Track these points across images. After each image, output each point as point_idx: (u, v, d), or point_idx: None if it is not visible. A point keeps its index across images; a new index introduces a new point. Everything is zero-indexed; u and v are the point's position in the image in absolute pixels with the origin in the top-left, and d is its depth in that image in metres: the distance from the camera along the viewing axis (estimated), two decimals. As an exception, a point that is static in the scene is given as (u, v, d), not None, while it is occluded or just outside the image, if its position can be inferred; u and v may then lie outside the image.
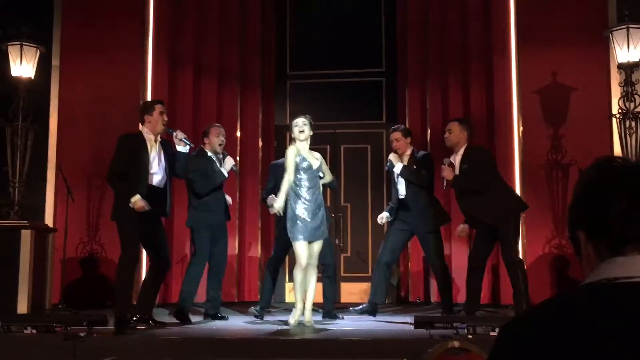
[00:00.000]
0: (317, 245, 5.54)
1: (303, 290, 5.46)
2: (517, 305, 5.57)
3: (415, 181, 6.03)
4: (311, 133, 5.65)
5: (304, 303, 5.47)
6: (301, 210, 5.49)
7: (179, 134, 5.62)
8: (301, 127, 5.59)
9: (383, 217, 6.31)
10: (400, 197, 6.14)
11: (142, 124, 5.56)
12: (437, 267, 6.13)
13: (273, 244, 6.77)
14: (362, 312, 6.13)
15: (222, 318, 6.10)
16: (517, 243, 5.83)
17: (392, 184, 6.41)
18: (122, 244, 5.31)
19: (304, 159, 5.57)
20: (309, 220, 5.48)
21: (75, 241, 7.46)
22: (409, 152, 6.17)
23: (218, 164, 6.03)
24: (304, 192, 5.53)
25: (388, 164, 6.28)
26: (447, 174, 5.77)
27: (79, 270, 7.49)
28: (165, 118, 5.59)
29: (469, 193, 5.74)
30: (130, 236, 5.27)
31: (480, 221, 5.73)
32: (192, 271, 5.90)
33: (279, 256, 6.36)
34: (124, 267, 5.28)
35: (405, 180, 6.08)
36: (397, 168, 6.12)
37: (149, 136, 5.46)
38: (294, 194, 5.54)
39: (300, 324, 5.46)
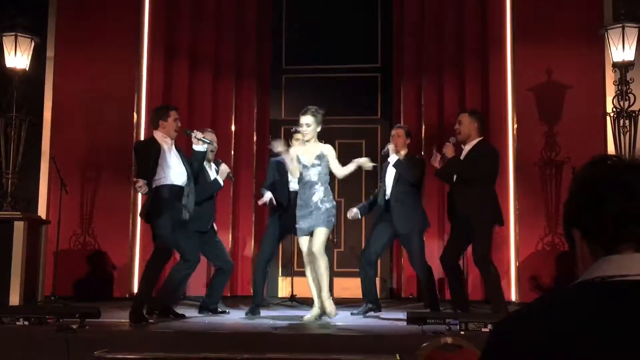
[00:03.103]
0: (316, 238, 5.43)
1: (315, 286, 5.46)
2: (494, 303, 5.60)
3: (407, 175, 6.00)
4: (318, 129, 5.62)
5: (320, 298, 5.44)
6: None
7: (197, 134, 5.62)
8: (305, 129, 5.57)
9: (352, 212, 6.28)
10: (386, 197, 6.13)
11: (156, 129, 5.57)
12: (420, 267, 6.09)
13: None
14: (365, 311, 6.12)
15: (223, 312, 6.12)
16: (490, 245, 5.79)
17: (381, 181, 6.38)
18: (159, 241, 5.35)
19: (298, 158, 5.60)
20: (299, 215, 5.55)
21: (69, 233, 7.45)
22: (403, 152, 6.18)
23: (213, 172, 6.06)
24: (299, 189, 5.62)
25: (384, 150, 6.22)
26: (448, 150, 5.76)
27: (71, 263, 7.47)
28: (179, 124, 5.62)
29: (467, 186, 5.69)
30: (166, 235, 5.32)
31: (467, 217, 5.65)
32: (175, 272, 5.84)
33: (267, 253, 6.26)
34: (156, 262, 5.35)
35: (396, 175, 6.06)
36: (392, 158, 6.12)
37: (164, 139, 5.50)
38: None
39: (321, 317, 5.43)
